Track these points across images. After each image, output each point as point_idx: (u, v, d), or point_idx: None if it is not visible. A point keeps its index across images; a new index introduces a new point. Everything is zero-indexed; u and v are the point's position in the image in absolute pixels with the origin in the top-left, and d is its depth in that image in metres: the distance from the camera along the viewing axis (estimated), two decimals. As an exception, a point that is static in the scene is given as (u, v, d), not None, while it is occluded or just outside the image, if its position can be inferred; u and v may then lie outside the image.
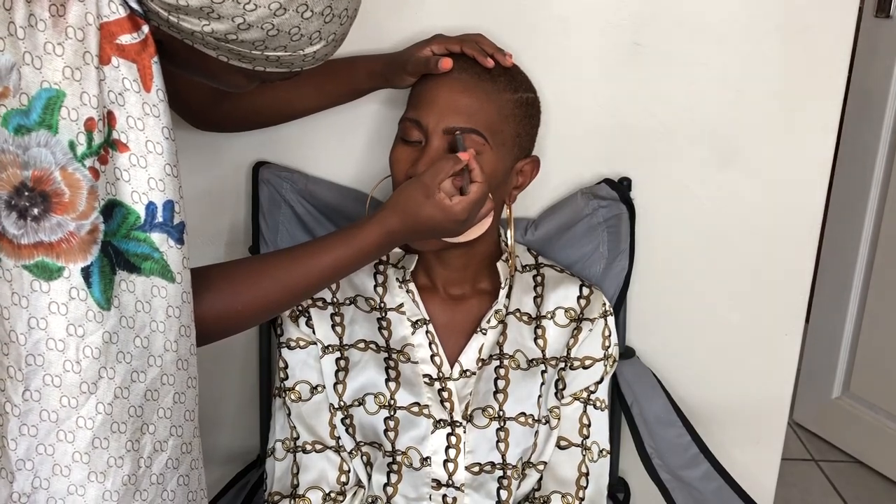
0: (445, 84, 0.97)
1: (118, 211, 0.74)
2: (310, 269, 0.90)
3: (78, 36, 0.69)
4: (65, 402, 0.73)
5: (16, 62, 0.66)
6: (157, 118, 0.74)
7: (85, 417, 0.74)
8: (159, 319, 0.77)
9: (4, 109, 0.67)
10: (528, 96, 1.02)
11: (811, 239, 1.28)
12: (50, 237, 0.69)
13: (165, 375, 0.79)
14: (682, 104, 1.20)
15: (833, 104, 1.22)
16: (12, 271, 0.69)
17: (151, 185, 0.74)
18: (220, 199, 1.24)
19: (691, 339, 1.31)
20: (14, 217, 0.68)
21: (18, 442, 0.72)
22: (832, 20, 1.17)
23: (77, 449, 0.74)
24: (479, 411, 1.05)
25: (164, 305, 0.77)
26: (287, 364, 1.07)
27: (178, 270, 0.77)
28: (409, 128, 0.98)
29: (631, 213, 1.19)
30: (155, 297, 0.76)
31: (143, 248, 0.75)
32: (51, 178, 0.69)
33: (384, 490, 1.05)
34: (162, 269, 0.76)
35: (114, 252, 0.74)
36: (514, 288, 1.10)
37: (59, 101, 0.68)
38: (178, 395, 0.81)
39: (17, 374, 0.71)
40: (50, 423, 0.73)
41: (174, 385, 0.80)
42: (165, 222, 0.76)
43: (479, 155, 0.96)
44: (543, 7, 1.16)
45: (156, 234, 0.75)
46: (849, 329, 2.15)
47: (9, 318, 0.70)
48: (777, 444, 1.38)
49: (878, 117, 1.98)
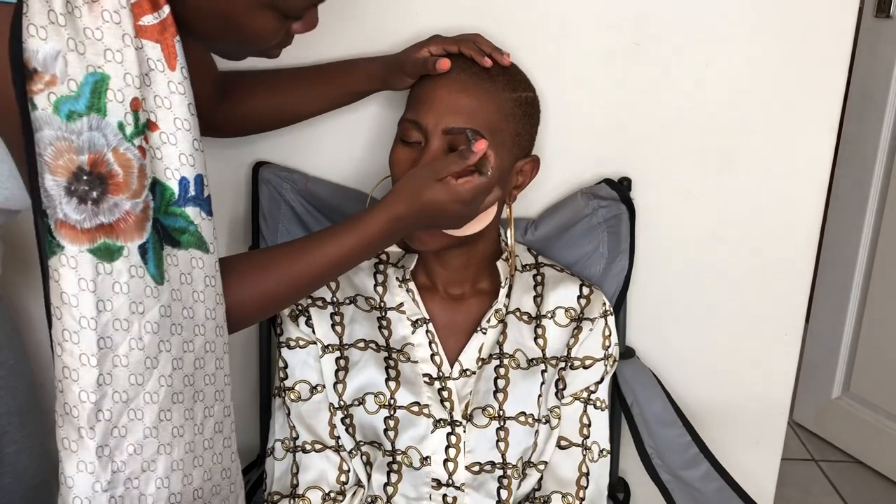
0: (444, 84, 0.97)
1: (158, 188, 0.76)
2: (317, 259, 0.89)
3: (115, 19, 0.70)
4: (132, 381, 0.75)
5: (60, 49, 0.67)
6: (182, 95, 0.76)
7: (151, 392, 0.76)
8: (199, 290, 0.80)
9: (55, 97, 0.68)
10: (528, 95, 1.02)
11: (811, 239, 1.28)
12: (109, 218, 0.71)
13: (208, 343, 0.82)
14: (682, 104, 1.20)
15: (833, 104, 1.22)
16: (77, 257, 0.70)
17: (182, 161, 0.76)
18: (220, 199, 1.23)
19: (691, 339, 1.31)
20: (75, 202, 0.69)
21: (96, 429, 0.73)
22: (832, 20, 1.17)
23: (147, 425, 0.76)
24: (479, 411, 1.05)
25: (202, 276, 0.80)
26: (287, 363, 1.07)
27: (211, 241, 0.80)
28: (409, 129, 0.98)
29: (631, 213, 1.19)
30: (195, 268, 0.79)
31: (180, 221, 0.78)
32: (105, 160, 0.70)
33: (384, 490, 1.05)
34: (198, 240, 0.79)
35: (161, 228, 0.76)
36: (514, 287, 1.10)
37: (104, 84, 0.70)
38: (219, 361, 0.84)
39: (91, 360, 0.72)
40: (122, 405, 0.74)
41: (215, 351, 0.83)
42: (197, 195, 0.78)
43: None
44: (543, 7, 1.16)
45: (190, 208, 0.78)
46: (849, 329, 2.16)
47: (77, 306, 0.70)
48: (777, 444, 1.38)
49: (878, 117, 1.98)
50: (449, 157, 0.90)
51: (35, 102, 0.67)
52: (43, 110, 0.67)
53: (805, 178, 1.24)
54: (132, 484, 0.77)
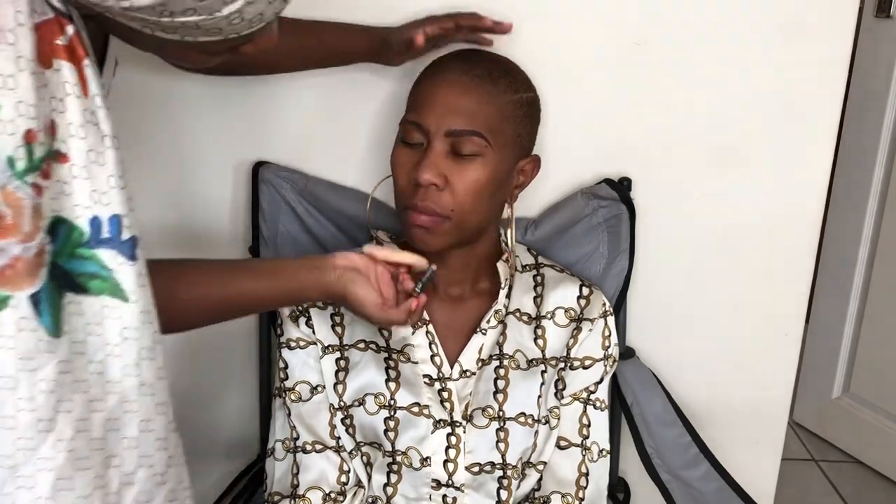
0: (446, 86, 0.97)
1: (62, 228, 0.67)
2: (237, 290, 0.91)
3: (8, 39, 0.61)
4: (21, 445, 0.65)
5: None
6: (96, 126, 0.68)
7: (45, 458, 0.66)
8: (113, 343, 0.70)
9: None
10: (529, 96, 1.02)
11: (811, 239, 1.28)
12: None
13: (127, 402, 0.72)
14: (682, 104, 1.20)
15: (833, 104, 1.21)
16: None
17: (95, 199, 0.68)
18: (220, 199, 1.24)
19: (691, 339, 1.31)
20: None
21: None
22: (832, 20, 1.17)
23: (39, 495, 0.67)
24: (478, 411, 1.05)
25: (117, 327, 0.70)
26: (287, 364, 1.07)
27: (132, 289, 0.70)
28: (410, 130, 0.98)
29: (631, 213, 1.19)
30: (107, 318, 0.70)
31: (90, 266, 0.69)
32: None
33: (384, 490, 1.05)
34: (112, 287, 0.70)
35: (61, 273, 0.67)
36: (514, 288, 1.10)
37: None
38: (145, 423, 0.74)
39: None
40: (6, 470, 0.66)
41: (138, 412, 0.73)
42: (113, 238, 0.69)
43: (481, 157, 0.96)
44: (544, 6, 1.16)
45: (103, 251, 0.69)
46: (849, 329, 2.15)
47: None
48: (777, 444, 1.38)
49: (878, 117, 1.98)
50: (391, 318, 0.95)
51: None
52: None
53: (805, 179, 1.24)
54: None
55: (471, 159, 0.96)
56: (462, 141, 0.95)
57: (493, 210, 1.02)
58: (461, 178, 0.96)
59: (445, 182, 0.96)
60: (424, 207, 0.96)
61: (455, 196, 0.96)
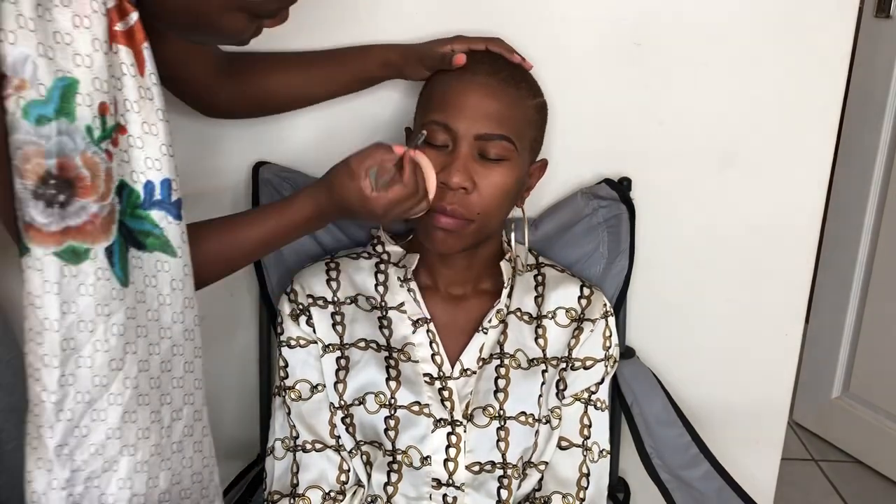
0: (476, 89, 0.97)
1: (125, 191, 0.77)
2: (242, 238, 0.93)
3: (85, 24, 0.71)
4: (96, 382, 0.75)
5: (29, 54, 0.68)
6: (150, 101, 0.77)
7: (115, 394, 0.77)
8: (165, 293, 0.81)
9: (24, 101, 0.68)
10: (543, 100, 1.04)
11: (811, 239, 1.28)
12: (76, 221, 0.72)
13: (176, 346, 0.83)
14: (682, 104, 1.20)
15: (833, 104, 1.22)
16: (42, 260, 0.71)
17: (148, 165, 0.78)
18: (220, 199, 1.24)
19: (691, 339, 1.31)
20: (42, 206, 0.70)
21: (55, 428, 0.74)
22: (832, 20, 1.17)
23: (110, 426, 0.77)
24: (479, 410, 1.05)
25: (167, 279, 0.81)
26: (287, 363, 1.07)
27: (178, 245, 0.81)
28: (435, 131, 0.98)
29: (631, 213, 1.19)
30: (160, 271, 0.80)
31: (146, 225, 0.79)
32: (73, 164, 0.71)
33: (384, 489, 1.05)
34: (163, 244, 0.80)
35: (126, 231, 0.77)
36: (515, 288, 1.10)
37: (74, 88, 0.70)
38: (188, 365, 0.85)
39: (53, 361, 0.73)
40: (84, 405, 0.75)
41: (184, 355, 0.84)
42: (164, 200, 0.79)
43: (508, 161, 0.97)
44: (544, 7, 1.16)
45: (155, 212, 0.79)
46: (849, 329, 2.16)
47: (41, 307, 0.72)
48: (777, 444, 1.38)
49: (878, 117, 1.98)
50: (368, 149, 0.91)
51: (5, 107, 0.68)
52: (12, 114, 0.68)
53: (805, 178, 1.24)
54: (92, 483, 0.78)
55: (497, 163, 0.97)
56: (491, 145, 0.96)
57: (508, 213, 1.03)
58: (488, 181, 0.97)
59: (474, 185, 0.96)
60: (454, 210, 0.96)
61: (482, 199, 0.97)
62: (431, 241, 0.99)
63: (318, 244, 1.21)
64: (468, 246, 1.01)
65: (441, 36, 1.06)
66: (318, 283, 1.08)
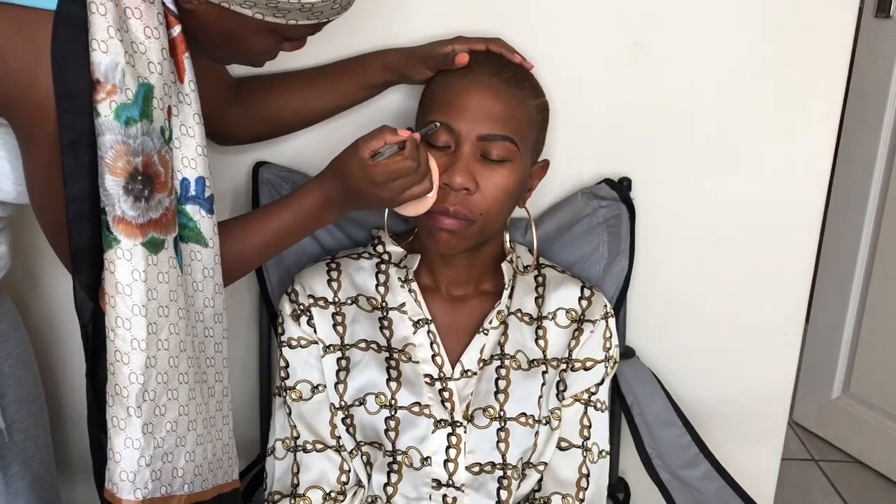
0: (478, 90, 0.97)
1: None
2: (256, 235, 0.95)
3: (155, 34, 0.78)
4: (171, 363, 0.82)
5: (118, 61, 0.74)
6: (189, 105, 0.84)
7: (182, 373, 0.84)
8: (198, 280, 0.87)
9: (115, 104, 0.75)
10: (545, 101, 1.04)
11: (811, 239, 1.28)
12: (156, 214, 0.79)
13: (207, 328, 0.89)
14: (682, 104, 1.20)
15: (833, 104, 1.21)
16: (132, 250, 0.77)
17: (185, 164, 0.84)
18: (220, 199, 1.23)
19: (691, 338, 1.31)
20: (131, 200, 0.77)
21: (142, 408, 0.80)
22: (832, 20, 1.17)
23: (181, 403, 0.85)
24: (479, 411, 1.05)
25: (200, 268, 0.87)
26: (288, 363, 1.07)
27: (210, 236, 0.87)
28: (438, 132, 0.97)
29: (631, 213, 1.19)
30: (193, 260, 0.87)
31: (182, 218, 0.85)
32: (153, 161, 0.78)
33: (384, 490, 1.05)
34: (196, 236, 0.86)
35: None
36: (516, 288, 1.10)
37: (151, 92, 0.77)
38: (217, 346, 0.92)
39: (141, 345, 0.79)
40: (163, 385, 0.82)
41: (213, 336, 0.91)
42: (198, 195, 0.85)
43: (511, 161, 0.97)
44: (543, 7, 1.16)
45: (189, 206, 0.85)
46: (849, 329, 2.16)
47: (131, 294, 0.78)
48: (777, 444, 1.38)
49: (878, 117, 1.98)
50: (374, 134, 0.91)
51: (98, 110, 0.74)
52: (105, 117, 0.74)
53: (805, 178, 1.24)
54: (168, 458, 0.84)
55: (500, 163, 0.97)
56: (493, 145, 0.96)
57: (510, 214, 1.03)
58: (490, 182, 0.97)
59: (476, 186, 0.96)
60: (456, 211, 0.96)
61: (485, 200, 0.97)
62: (434, 241, 0.99)
63: (318, 244, 1.21)
64: (471, 246, 1.01)
65: (442, 37, 1.07)
66: (319, 283, 1.08)
